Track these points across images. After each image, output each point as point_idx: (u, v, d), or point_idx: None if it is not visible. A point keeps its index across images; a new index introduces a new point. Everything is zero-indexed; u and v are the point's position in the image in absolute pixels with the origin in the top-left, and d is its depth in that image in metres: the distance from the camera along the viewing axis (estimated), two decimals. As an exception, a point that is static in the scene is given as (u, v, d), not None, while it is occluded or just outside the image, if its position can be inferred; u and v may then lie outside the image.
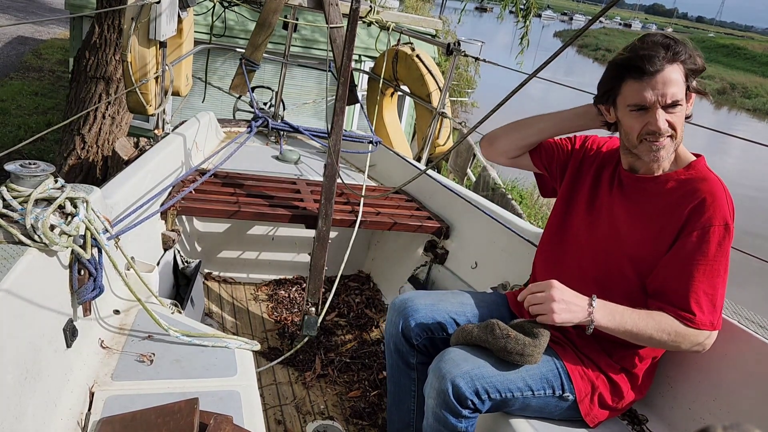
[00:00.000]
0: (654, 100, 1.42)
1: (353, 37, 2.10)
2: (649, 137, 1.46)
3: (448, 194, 2.73)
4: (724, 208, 1.44)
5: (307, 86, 6.61)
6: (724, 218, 1.43)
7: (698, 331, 1.45)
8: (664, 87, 1.41)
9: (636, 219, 1.55)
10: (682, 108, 1.44)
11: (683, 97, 1.43)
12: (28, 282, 1.21)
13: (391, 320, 1.80)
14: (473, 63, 12.14)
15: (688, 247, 1.45)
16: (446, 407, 1.49)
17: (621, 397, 1.59)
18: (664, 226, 1.49)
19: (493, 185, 5.46)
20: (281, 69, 3.76)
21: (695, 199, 1.45)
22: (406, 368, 1.80)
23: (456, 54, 3.59)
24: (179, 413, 1.23)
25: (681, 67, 1.42)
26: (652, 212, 1.52)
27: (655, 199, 1.53)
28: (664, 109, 1.43)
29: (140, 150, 3.24)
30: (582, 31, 1.05)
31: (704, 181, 1.47)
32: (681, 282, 1.46)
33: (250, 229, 3.10)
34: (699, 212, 1.44)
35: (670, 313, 1.46)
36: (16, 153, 5.60)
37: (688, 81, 1.44)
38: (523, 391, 1.52)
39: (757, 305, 6.18)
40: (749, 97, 34.35)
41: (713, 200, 1.44)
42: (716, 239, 1.43)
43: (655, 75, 1.40)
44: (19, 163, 1.32)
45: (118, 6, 3.57)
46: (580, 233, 1.67)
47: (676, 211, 1.47)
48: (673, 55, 1.41)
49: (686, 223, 1.46)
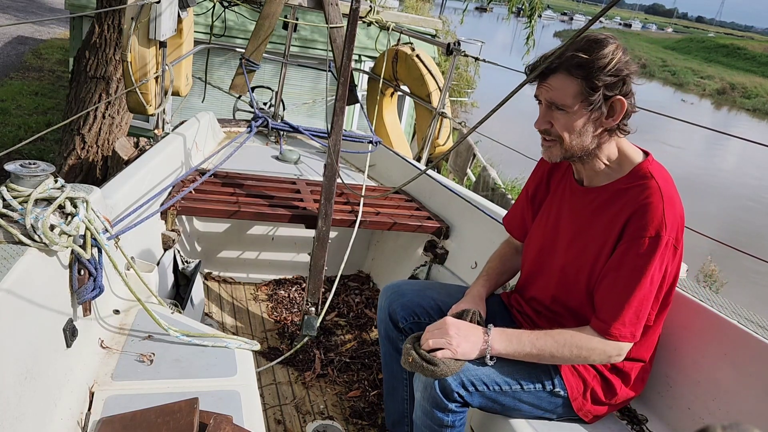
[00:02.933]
0: (540, 96, 1.46)
1: (353, 37, 2.10)
2: (541, 135, 1.51)
3: (448, 194, 2.73)
4: (658, 218, 1.40)
5: (307, 86, 6.62)
6: (656, 228, 1.40)
7: (614, 342, 1.46)
8: (549, 91, 1.43)
9: (582, 231, 1.56)
10: (567, 114, 1.43)
11: (570, 103, 1.41)
12: (28, 282, 1.21)
13: (381, 305, 1.85)
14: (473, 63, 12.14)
15: (617, 258, 1.45)
16: (433, 401, 1.50)
17: (614, 394, 1.59)
18: (605, 239, 1.49)
19: (493, 185, 5.46)
20: (281, 69, 3.76)
21: (629, 209, 1.44)
22: (397, 354, 1.83)
23: (456, 54, 3.59)
24: (179, 413, 1.23)
25: (572, 75, 1.39)
26: (595, 225, 1.52)
27: (598, 213, 1.52)
28: (550, 110, 1.45)
29: (140, 150, 3.24)
30: (582, 31, 1.05)
31: (641, 190, 1.44)
32: (606, 294, 1.47)
33: (250, 229, 3.10)
34: (631, 224, 1.43)
35: (593, 325, 1.48)
36: (16, 153, 5.61)
37: (589, 88, 1.39)
38: (511, 385, 1.53)
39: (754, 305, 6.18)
40: (749, 97, 34.37)
41: (646, 210, 1.41)
42: (643, 251, 1.41)
43: (548, 76, 1.42)
44: (19, 163, 1.33)
45: (118, 6, 3.57)
46: (544, 245, 1.69)
47: (615, 224, 1.47)
48: (573, 66, 1.38)
49: (621, 235, 1.46)
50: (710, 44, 57.79)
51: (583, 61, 1.37)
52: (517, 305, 1.78)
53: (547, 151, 1.52)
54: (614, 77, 1.39)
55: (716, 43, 58.77)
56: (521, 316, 1.75)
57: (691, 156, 17.31)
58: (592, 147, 1.48)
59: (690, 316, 1.70)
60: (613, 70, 1.38)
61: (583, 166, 1.55)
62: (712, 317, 1.66)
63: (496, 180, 5.52)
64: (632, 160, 1.50)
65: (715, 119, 26.94)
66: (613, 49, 1.39)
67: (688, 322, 1.70)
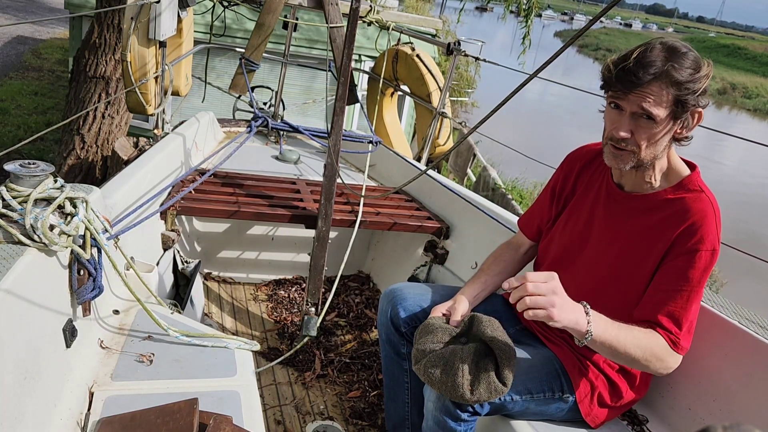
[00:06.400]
0: (627, 104, 1.38)
1: (353, 36, 2.10)
2: (611, 141, 1.43)
3: (448, 194, 2.72)
4: (713, 233, 1.41)
5: (306, 86, 6.61)
6: (712, 243, 1.41)
7: (676, 355, 1.45)
8: (641, 99, 1.35)
9: (619, 237, 1.53)
10: (654, 124, 1.37)
11: (662, 115, 1.36)
12: (27, 282, 1.21)
13: (382, 309, 1.82)
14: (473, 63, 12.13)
15: (675, 271, 1.43)
16: (445, 411, 1.49)
17: (620, 397, 1.59)
18: (649, 248, 1.47)
19: (493, 185, 5.46)
20: (281, 69, 3.76)
21: (683, 222, 1.43)
22: (398, 359, 1.82)
23: (456, 54, 3.58)
24: (179, 413, 1.23)
25: (669, 88, 1.35)
26: (636, 232, 1.50)
27: (640, 220, 1.50)
28: (634, 118, 1.39)
29: (140, 150, 3.24)
30: (582, 31, 1.05)
31: (694, 202, 1.43)
32: (666, 306, 1.44)
33: (249, 229, 3.10)
34: (686, 236, 1.42)
35: (663, 335, 1.44)
36: (15, 153, 5.60)
37: (681, 104, 1.36)
38: (522, 395, 1.52)
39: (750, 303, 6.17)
40: (750, 98, 34.35)
41: (702, 224, 1.41)
42: (702, 265, 1.41)
43: (645, 85, 1.35)
44: (19, 163, 1.32)
45: (118, 6, 3.57)
46: (570, 246, 1.66)
47: (662, 233, 1.45)
48: (672, 80, 1.34)
49: (672, 246, 1.44)
50: (711, 44, 57.83)
51: (683, 79, 1.33)
52: None
53: (617, 158, 1.44)
54: (703, 94, 1.37)
55: (717, 43, 58.84)
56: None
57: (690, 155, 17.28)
58: (660, 156, 1.45)
59: None
60: (703, 90, 1.36)
61: (635, 171, 1.50)
62: (712, 317, 1.66)
63: (497, 180, 5.52)
64: (680, 171, 1.49)
65: (716, 119, 26.94)
66: (706, 69, 1.37)
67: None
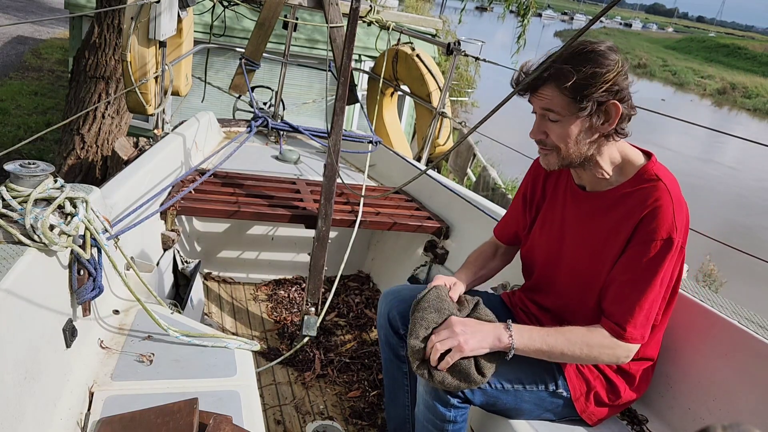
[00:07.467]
0: (534, 106, 1.46)
1: (353, 36, 2.10)
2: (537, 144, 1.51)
3: (448, 194, 2.72)
4: (668, 221, 1.40)
5: (306, 86, 6.61)
6: (668, 231, 1.40)
7: (626, 344, 1.45)
8: (539, 101, 1.43)
9: (589, 237, 1.55)
10: (560, 124, 1.42)
11: (563, 114, 1.40)
12: (27, 282, 1.21)
13: (381, 311, 1.83)
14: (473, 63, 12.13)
15: (628, 261, 1.45)
16: (435, 396, 1.51)
17: (618, 396, 1.59)
18: (615, 244, 1.48)
19: (493, 185, 5.46)
20: (281, 69, 3.76)
21: (640, 213, 1.43)
22: (398, 361, 1.82)
23: (456, 54, 3.58)
24: (179, 413, 1.23)
25: (562, 88, 1.37)
26: (603, 230, 1.51)
27: (604, 218, 1.52)
28: (543, 120, 1.45)
29: (140, 150, 3.24)
30: (583, 31, 1.05)
31: (650, 192, 1.44)
32: (618, 295, 1.46)
33: (249, 229, 3.10)
34: (642, 226, 1.42)
35: (604, 326, 1.46)
36: (15, 153, 5.60)
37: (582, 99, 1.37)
38: (513, 384, 1.52)
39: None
40: (749, 97, 34.34)
41: (657, 213, 1.41)
42: (656, 254, 1.41)
43: (539, 87, 1.42)
44: (19, 162, 1.32)
45: (118, 6, 3.57)
46: (550, 251, 1.67)
47: (623, 227, 1.46)
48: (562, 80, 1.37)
49: (630, 238, 1.45)
50: (711, 44, 57.75)
51: (578, 77, 1.35)
52: (521, 304, 1.77)
53: (545, 159, 1.51)
54: (606, 92, 1.37)
55: (717, 42, 58.74)
56: (526, 315, 1.74)
57: (689, 155, 17.31)
58: (590, 153, 1.47)
59: (690, 316, 1.70)
60: (606, 87, 1.36)
61: (584, 172, 1.54)
62: (712, 317, 1.66)
63: (497, 180, 5.52)
64: (635, 163, 1.49)
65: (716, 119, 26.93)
66: (614, 66, 1.36)
67: (689, 322, 1.70)
